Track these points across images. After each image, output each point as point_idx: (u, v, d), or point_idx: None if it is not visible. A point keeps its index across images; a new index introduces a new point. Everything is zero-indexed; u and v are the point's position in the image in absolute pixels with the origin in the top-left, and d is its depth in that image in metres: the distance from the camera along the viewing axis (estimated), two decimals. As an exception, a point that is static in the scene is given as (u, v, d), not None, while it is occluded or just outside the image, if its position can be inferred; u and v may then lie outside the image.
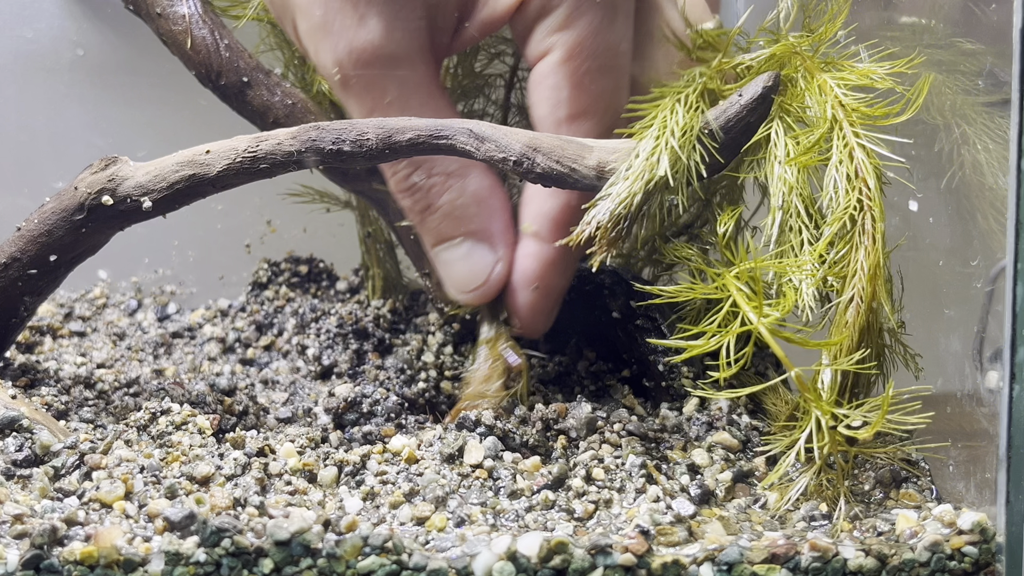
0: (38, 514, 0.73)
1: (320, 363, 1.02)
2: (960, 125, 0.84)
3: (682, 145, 0.77)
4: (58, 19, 1.14)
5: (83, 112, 1.16)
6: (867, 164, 0.79)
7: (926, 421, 0.75)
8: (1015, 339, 0.72)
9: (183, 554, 0.69)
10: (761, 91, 0.78)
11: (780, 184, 0.80)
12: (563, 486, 0.80)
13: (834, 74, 0.82)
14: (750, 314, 0.76)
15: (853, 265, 0.78)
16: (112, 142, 1.16)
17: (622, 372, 0.96)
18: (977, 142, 0.82)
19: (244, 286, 1.14)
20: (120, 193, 0.82)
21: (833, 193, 0.79)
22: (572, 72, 0.81)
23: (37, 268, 0.84)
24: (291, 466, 0.80)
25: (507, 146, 0.78)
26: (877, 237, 0.78)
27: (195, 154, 0.81)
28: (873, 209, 0.78)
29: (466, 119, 0.79)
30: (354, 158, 0.79)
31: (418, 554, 0.71)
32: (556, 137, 0.79)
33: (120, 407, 0.89)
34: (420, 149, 0.79)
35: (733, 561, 0.72)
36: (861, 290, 0.78)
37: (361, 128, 0.79)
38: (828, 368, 0.77)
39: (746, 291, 0.77)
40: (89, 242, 0.84)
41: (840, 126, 0.80)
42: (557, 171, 0.78)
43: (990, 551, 0.73)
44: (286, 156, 0.80)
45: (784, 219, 0.80)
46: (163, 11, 0.96)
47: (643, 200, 0.77)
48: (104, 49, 1.15)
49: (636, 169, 0.77)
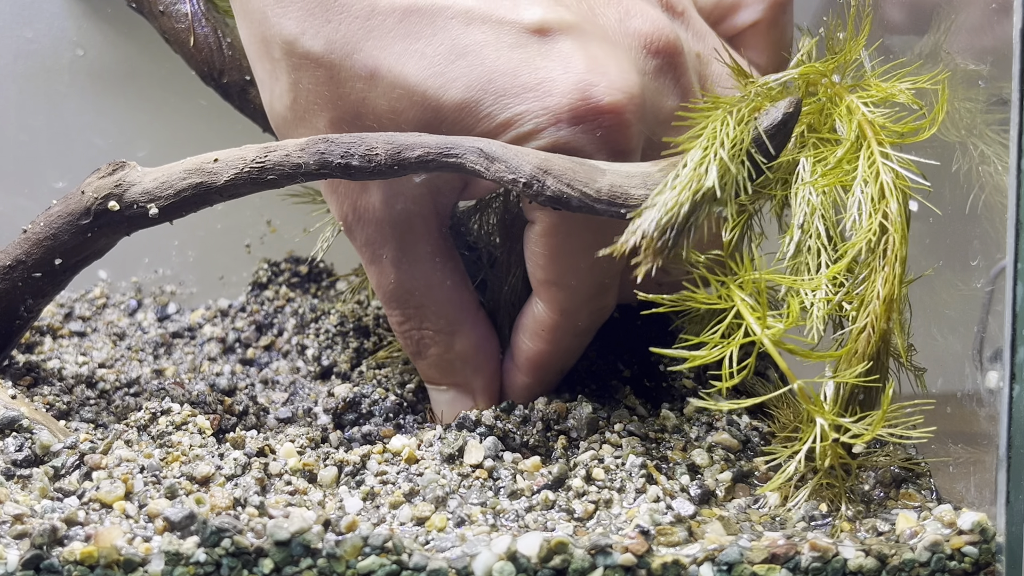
0: (38, 514, 0.73)
1: (320, 363, 1.02)
2: (977, 145, 0.82)
3: (731, 157, 0.76)
4: (58, 19, 1.14)
5: (83, 112, 1.16)
6: (892, 185, 0.77)
7: (928, 434, 0.75)
8: (1015, 339, 0.72)
9: (183, 554, 0.69)
10: (781, 117, 0.77)
11: (803, 205, 0.79)
12: (563, 486, 0.80)
13: (860, 93, 0.80)
14: (754, 325, 0.76)
15: (870, 292, 0.77)
16: (112, 142, 1.16)
17: (623, 372, 0.96)
18: (998, 162, 0.81)
19: (244, 286, 1.14)
20: (127, 199, 0.82)
21: (857, 215, 0.77)
22: (548, 246, 0.83)
23: (42, 271, 0.84)
24: (291, 466, 0.80)
25: (517, 167, 0.76)
26: (897, 264, 0.76)
27: (203, 162, 0.81)
28: (895, 233, 0.77)
29: (477, 138, 0.78)
30: (362, 172, 0.78)
31: (418, 554, 0.71)
32: (569, 159, 0.78)
33: (120, 407, 0.89)
34: (429, 166, 0.78)
35: (733, 561, 0.72)
36: (875, 319, 0.76)
37: (370, 143, 0.78)
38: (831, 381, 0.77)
39: (750, 302, 0.76)
40: (94, 246, 0.84)
41: (868, 144, 0.78)
42: (567, 194, 0.76)
43: (990, 551, 0.73)
44: (294, 168, 0.79)
45: (803, 239, 0.79)
46: (166, 9, 0.96)
47: (690, 211, 0.75)
48: (104, 49, 1.15)
49: (684, 179, 0.75)
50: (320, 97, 0.82)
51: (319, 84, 0.82)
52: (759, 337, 0.75)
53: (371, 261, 0.87)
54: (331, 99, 0.82)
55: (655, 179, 0.78)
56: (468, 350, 0.88)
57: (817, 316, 0.76)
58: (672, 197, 0.75)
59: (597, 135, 0.79)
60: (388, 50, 0.80)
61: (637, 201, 0.77)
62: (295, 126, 0.85)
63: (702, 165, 0.76)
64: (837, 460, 0.77)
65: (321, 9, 0.80)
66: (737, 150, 0.76)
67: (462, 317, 0.88)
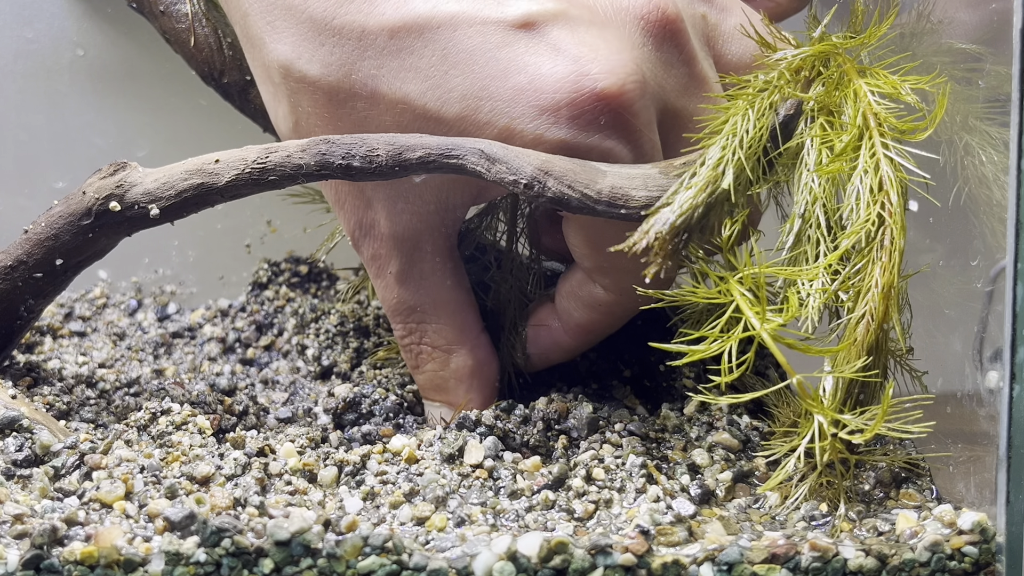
0: (38, 514, 0.73)
1: (320, 363, 1.02)
2: (963, 137, 0.82)
3: (748, 156, 0.75)
4: (58, 19, 1.14)
5: (83, 112, 1.16)
6: (892, 177, 0.77)
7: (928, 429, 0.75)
8: (1015, 339, 0.72)
9: (183, 554, 0.69)
10: (782, 120, 0.77)
11: (805, 192, 0.78)
12: (563, 486, 0.80)
13: (869, 80, 0.80)
14: (752, 319, 0.76)
15: (868, 281, 0.76)
16: (112, 142, 1.16)
17: (623, 372, 0.96)
18: (981, 153, 0.81)
19: (244, 286, 1.14)
20: (128, 199, 0.82)
21: (855, 204, 0.77)
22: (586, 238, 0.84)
23: (43, 271, 0.84)
24: (291, 466, 0.80)
25: (518, 168, 0.76)
26: (895, 254, 0.76)
27: (204, 163, 0.81)
28: (894, 224, 0.76)
29: (478, 139, 0.78)
30: (363, 173, 0.78)
31: (418, 554, 0.71)
32: (570, 160, 0.77)
33: (120, 407, 0.89)
34: (431, 167, 0.77)
35: (733, 561, 0.72)
36: (873, 308, 0.76)
37: (371, 144, 0.78)
38: (830, 376, 0.76)
39: (748, 296, 0.76)
40: (96, 247, 0.84)
41: (870, 135, 0.78)
42: (568, 195, 0.76)
43: (990, 551, 0.73)
44: (295, 169, 0.79)
45: (803, 228, 0.79)
46: (166, 9, 0.96)
47: (704, 212, 0.75)
48: (104, 49, 1.15)
49: (701, 178, 0.75)
50: (320, 119, 0.82)
51: (318, 106, 0.82)
52: (758, 332, 0.75)
53: (376, 275, 0.88)
54: (331, 119, 0.82)
55: (656, 181, 0.77)
56: (463, 371, 0.89)
57: (813, 306, 0.76)
58: (688, 198, 0.75)
59: (602, 123, 0.78)
60: (384, 68, 0.80)
61: (638, 203, 0.77)
62: None
63: (720, 165, 0.75)
64: (837, 456, 0.77)
65: (314, 33, 0.80)
66: (755, 148, 0.76)
67: (462, 338, 0.88)
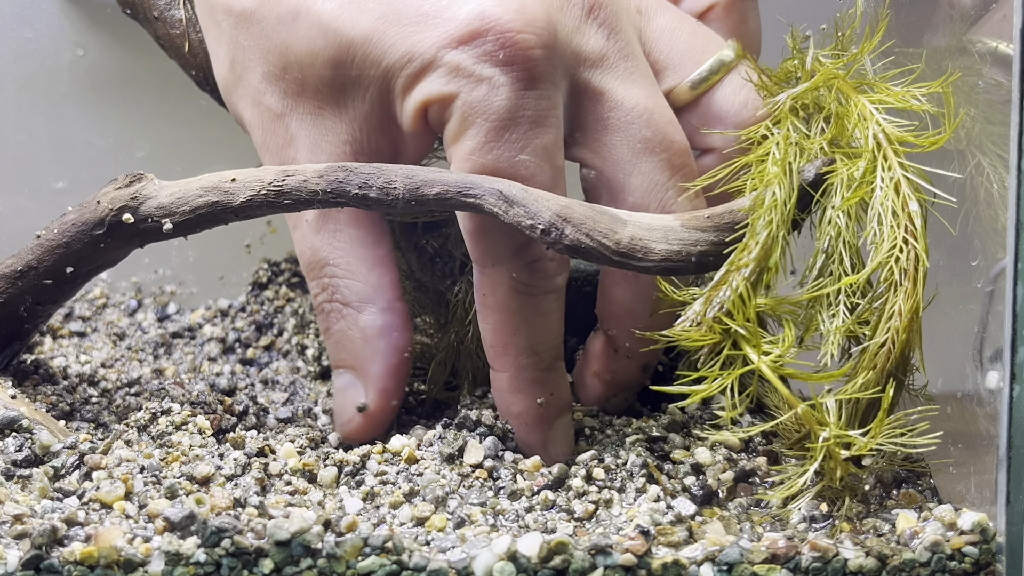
0: (38, 514, 0.73)
1: (319, 363, 1.02)
2: (975, 155, 0.81)
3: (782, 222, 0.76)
4: (58, 19, 1.14)
5: (83, 112, 1.16)
6: (913, 198, 0.76)
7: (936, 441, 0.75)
8: (1015, 339, 0.72)
9: (183, 554, 0.69)
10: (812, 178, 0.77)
11: (829, 228, 0.77)
12: (563, 486, 0.80)
13: (871, 95, 0.79)
14: (751, 354, 0.75)
15: (890, 308, 0.75)
16: (112, 143, 1.16)
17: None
18: (992, 174, 0.80)
19: (244, 286, 1.14)
20: (142, 212, 0.81)
21: (877, 228, 0.76)
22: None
23: (52, 278, 0.84)
24: (291, 466, 0.80)
25: (536, 213, 0.75)
26: (919, 280, 0.75)
27: (220, 180, 0.80)
28: (917, 249, 0.75)
29: (497, 179, 0.77)
30: (380, 205, 0.77)
31: (418, 554, 0.71)
32: (590, 207, 0.77)
33: (120, 407, 0.89)
34: (448, 204, 0.77)
35: (733, 561, 0.72)
36: (895, 336, 0.75)
37: (389, 176, 0.77)
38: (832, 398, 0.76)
39: (744, 333, 0.75)
40: (107, 256, 0.84)
41: (884, 155, 0.77)
42: (586, 244, 0.75)
43: (990, 551, 0.73)
44: (311, 195, 0.78)
45: (825, 264, 0.78)
46: (160, 15, 0.96)
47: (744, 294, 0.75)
48: (104, 49, 1.15)
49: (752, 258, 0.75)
50: (254, 53, 0.83)
51: (254, 39, 0.83)
52: (757, 365, 0.75)
53: (294, 226, 0.87)
54: (262, 52, 0.83)
55: (678, 234, 0.76)
56: (371, 330, 0.85)
57: (832, 342, 0.76)
58: (742, 280, 0.75)
59: (499, 56, 0.77)
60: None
61: (657, 256, 0.76)
62: (235, 87, 0.86)
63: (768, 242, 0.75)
64: (847, 472, 0.76)
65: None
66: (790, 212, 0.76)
67: (375, 297, 0.85)
